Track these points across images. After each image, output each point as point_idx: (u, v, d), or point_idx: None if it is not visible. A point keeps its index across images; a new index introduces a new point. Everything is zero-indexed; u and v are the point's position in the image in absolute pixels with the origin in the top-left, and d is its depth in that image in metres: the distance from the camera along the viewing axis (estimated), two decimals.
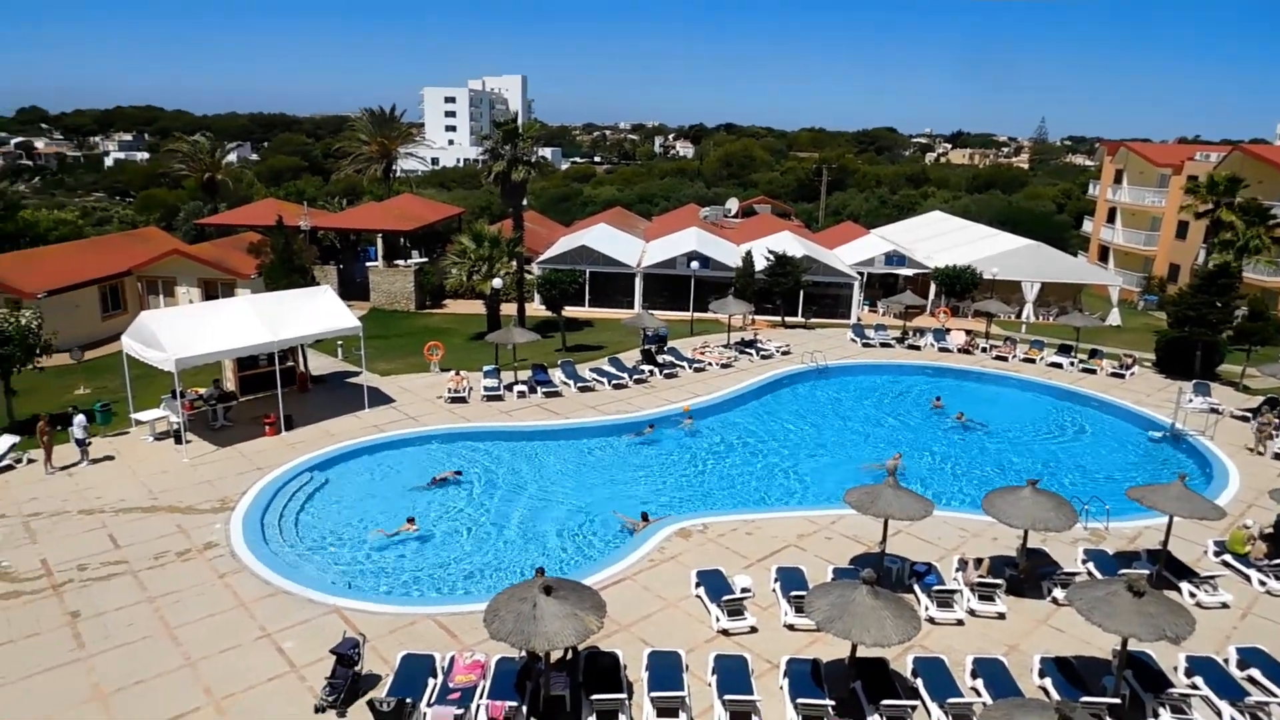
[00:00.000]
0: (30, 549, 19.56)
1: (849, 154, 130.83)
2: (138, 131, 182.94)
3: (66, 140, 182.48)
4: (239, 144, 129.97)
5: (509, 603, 13.58)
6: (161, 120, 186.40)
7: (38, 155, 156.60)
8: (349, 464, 25.22)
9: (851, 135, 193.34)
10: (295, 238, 39.16)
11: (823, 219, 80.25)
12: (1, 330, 26.13)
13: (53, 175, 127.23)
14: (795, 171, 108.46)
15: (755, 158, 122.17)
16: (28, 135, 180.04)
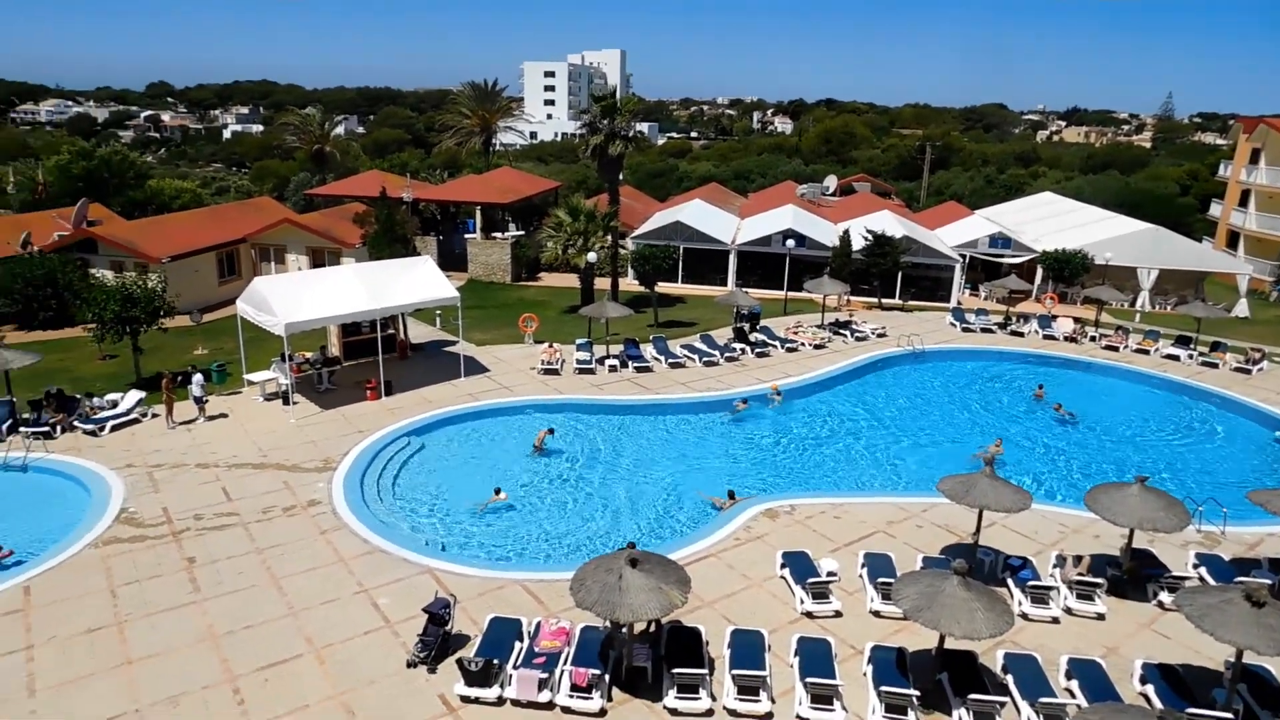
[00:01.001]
0: (153, 497, 20.91)
1: (954, 131, 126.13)
2: (254, 105, 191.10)
3: (190, 113, 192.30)
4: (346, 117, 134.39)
5: (595, 573, 13.80)
6: (275, 94, 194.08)
7: (164, 128, 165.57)
8: (445, 430, 25.98)
9: (958, 112, 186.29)
10: (398, 209, 40.34)
11: (924, 198, 77.76)
12: (131, 293, 27.86)
13: (177, 147, 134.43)
14: (897, 149, 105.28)
15: (855, 134, 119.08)
16: (156, 109, 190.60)
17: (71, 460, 22.78)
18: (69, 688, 14.28)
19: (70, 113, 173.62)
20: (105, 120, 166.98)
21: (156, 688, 14.30)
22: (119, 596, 16.85)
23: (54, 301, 35.91)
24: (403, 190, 46.02)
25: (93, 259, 38.56)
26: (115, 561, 18.08)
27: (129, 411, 25.42)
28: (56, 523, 19.93)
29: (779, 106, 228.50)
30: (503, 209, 49.44)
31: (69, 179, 56.34)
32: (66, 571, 17.66)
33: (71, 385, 27.32)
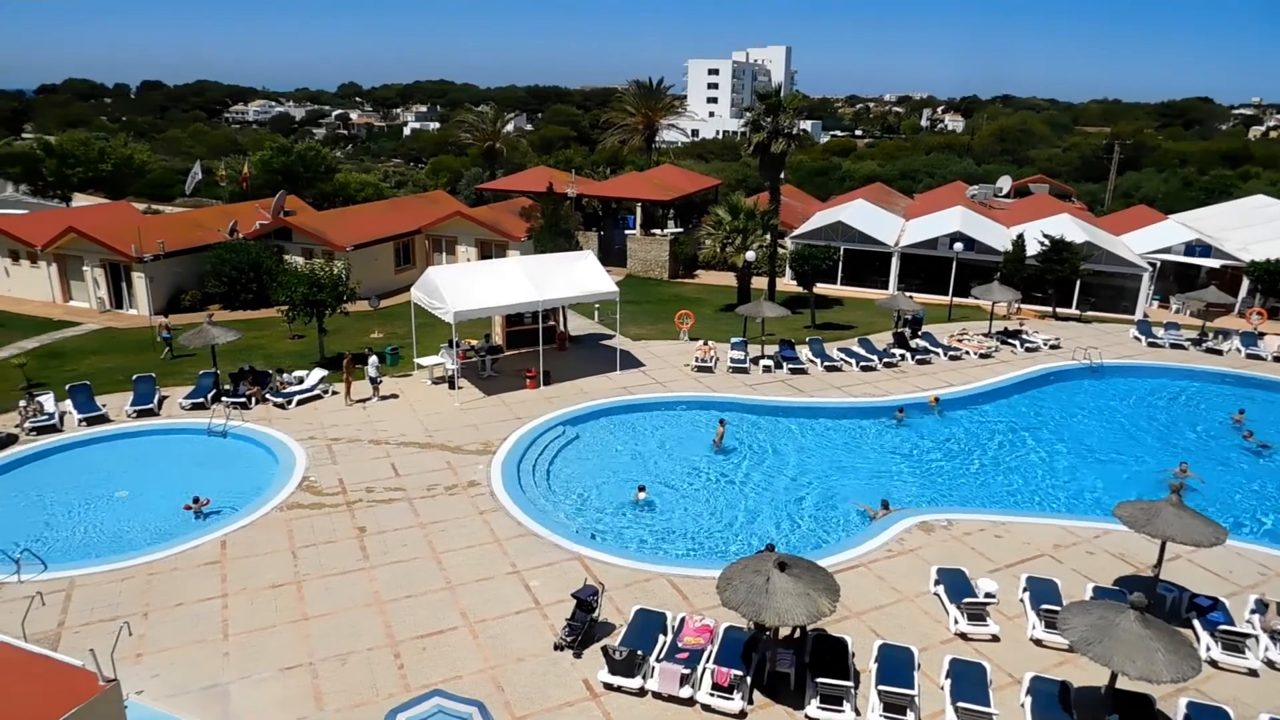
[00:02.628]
0: (331, 468, 22.55)
1: (1148, 128, 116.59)
2: (432, 103, 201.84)
3: (375, 112, 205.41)
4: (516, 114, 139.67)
5: (743, 573, 13.72)
6: (452, 93, 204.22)
7: (352, 125, 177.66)
8: (599, 421, 26.56)
9: (1152, 107, 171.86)
10: (562, 204, 41.55)
11: (1109, 201, 72.30)
12: (318, 278, 30.12)
13: (362, 143, 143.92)
14: (1080, 148, 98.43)
15: (1034, 132, 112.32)
16: (345, 108, 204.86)
17: (263, 429, 24.91)
18: (255, 635, 15.64)
19: (273, 112, 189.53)
20: (302, 119, 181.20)
21: (328, 644, 15.43)
22: (299, 557, 18.29)
23: (254, 284, 39.35)
24: (567, 186, 47.37)
25: (287, 246, 41.95)
26: (296, 525, 19.63)
27: (313, 388, 27.52)
28: (249, 484, 21.87)
29: (950, 103, 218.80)
30: (663, 206, 49.94)
31: (270, 172, 61.60)
32: (256, 530, 19.35)
33: (265, 361, 29.85)
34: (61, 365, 30.96)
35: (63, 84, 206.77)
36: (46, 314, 39.02)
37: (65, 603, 16.44)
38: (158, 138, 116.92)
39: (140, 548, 18.82)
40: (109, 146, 71.65)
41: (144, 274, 38.49)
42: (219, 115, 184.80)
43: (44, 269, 40.90)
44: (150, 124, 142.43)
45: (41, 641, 13.54)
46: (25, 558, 17.23)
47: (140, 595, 16.78)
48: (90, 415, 25.12)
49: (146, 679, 14.27)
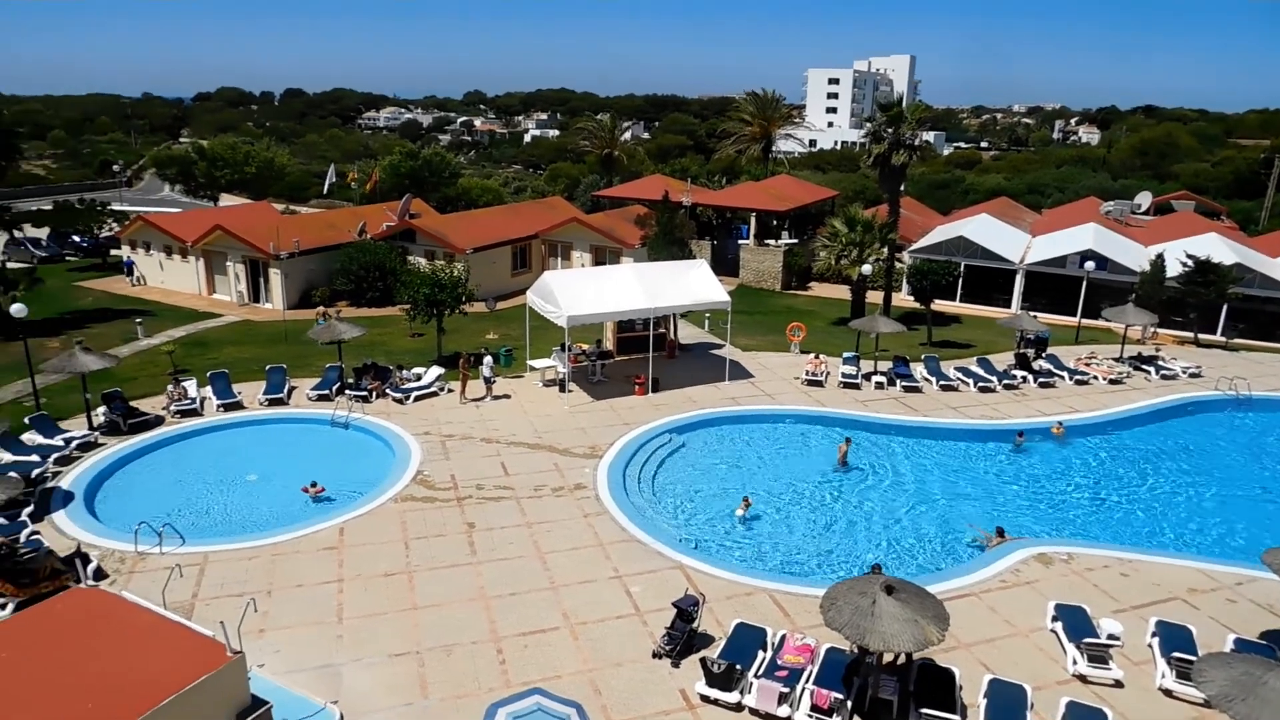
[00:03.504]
0: (444, 464, 23.29)
1: None
2: (552, 111, 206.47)
3: (498, 119, 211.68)
4: (634, 123, 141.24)
5: (848, 594, 13.38)
6: (572, 101, 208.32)
7: (475, 132, 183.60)
8: (706, 430, 26.49)
9: None
10: (677, 212, 41.70)
11: (1266, 220, 67.25)
12: (439, 279, 31.21)
13: (484, 149, 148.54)
14: (1233, 162, 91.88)
15: (1179, 145, 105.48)
16: (470, 115, 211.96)
17: (382, 423, 25.96)
18: (368, 620, 16.29)
19: (402, 119, 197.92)
20: (429, 125, 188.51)
21: (434, 634, 15.91)
22: (410, 548, 18.95)
23: (379, 283, 41.13)
24: (682, 195, 47.53)
25: (411, 247, 43.68)
26: (409, 517, 20.35)
27: (430, 385, 28.52)
28: (367, 475, 22.83)
29: (1085, 115, 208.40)
30: (778, 216, 49.48)
31: (397, 176, 64.32)
32: (372, 519, 20.17)
33: (386, 357, 31.13)
34: (204, 353, 33.14)
35: (216, 92, 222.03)
36: (193, 305, 41.90)
37: (199, 576, 17.55)
38: (297, 142, 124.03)
39: (266, 529, 19.91)
40: (253, 150, 76.39)
41: (280, 270, 40.83)
42: (353, 121, 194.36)
43: (193, 263, 43.93)
44: (290, 129, 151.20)
45: (177, 610, 14.46)
46: (167, 531, 18.49)
47: (265, 574, 17.74)
48: (227, 401, 26.79)
49: (268, 654, 15.06)
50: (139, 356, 32.62)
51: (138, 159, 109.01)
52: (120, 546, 18.56)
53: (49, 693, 11.05)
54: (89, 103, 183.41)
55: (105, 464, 22.95)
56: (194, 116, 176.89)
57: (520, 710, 13.80)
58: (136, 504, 20.84)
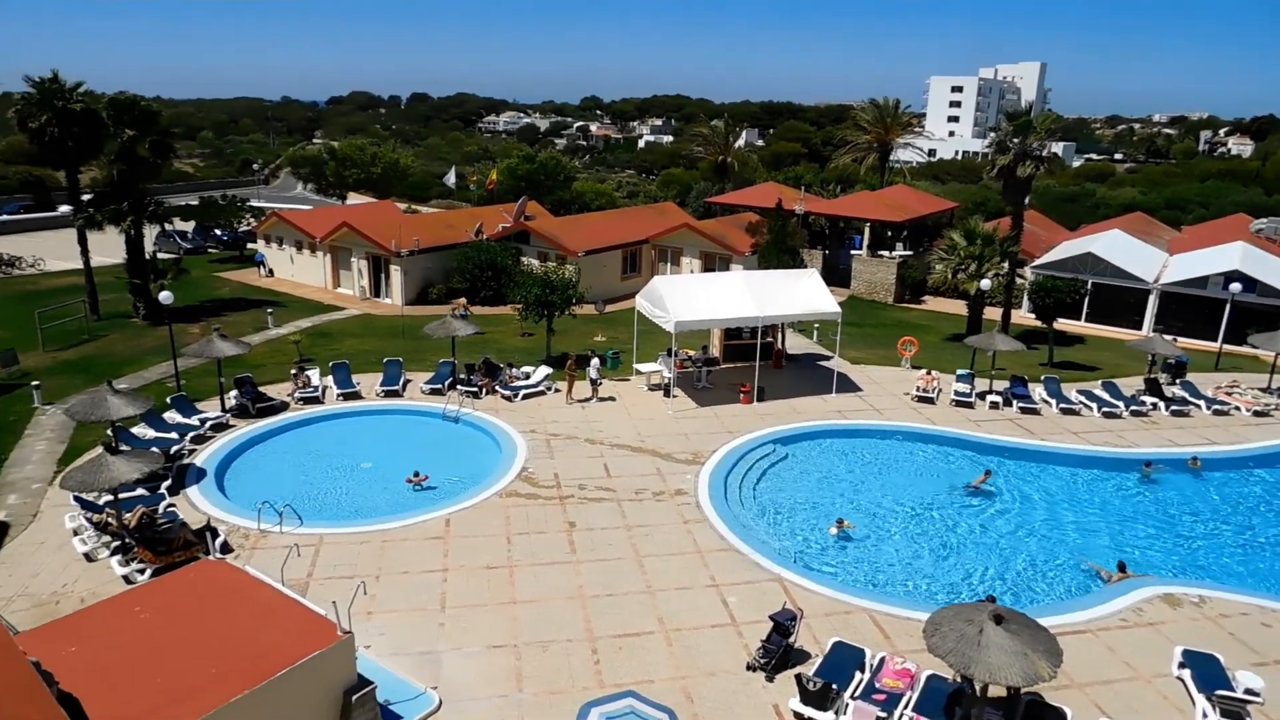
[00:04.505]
0: (548, 462, 23.70)
1: None
2: (667, 117, 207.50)
3: (613, 124, 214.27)
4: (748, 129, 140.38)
5: (953, 621, 12.89)
6: (687, 107, 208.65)
7: (591, 137, 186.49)
8: (811, 443, 26.06)
9: None
10: (789, 220, 41.27)
11: None
12: (551, 280, 31.81)
13: (598, 154, 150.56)
14: None
15: None
16: (586, 120, 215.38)
17: (490, 419, 26.64)
18: (469, 611, 16.73)
19: (521, 123, 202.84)
20: (546, 130, 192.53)
21: (532, 630, 16.18)
22: (513, 543, 19.36)
23: (493, 282, 42.26)
24: (796, 203, 47.00)
25: (524, 249, 44.70)
26: (513, 512, 20.79)
27: (538, 384, 29.09)
28: (474, 469, 23.47)
29: (1237, 124, 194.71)
30: (893, 227, 48.28)
31: (514, 179, 65.98)
32: (477, 512, 20.71)
33: (497, 355, 31.93)
34: (327, 344, 34.81)
35: (348, 96, 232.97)
36: (319, 298, 44.08)
37: (315, 556, 18.42)
38: (420, 144, 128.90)
39: (377, 515, 20.72)
40: (380, 152, 79.81)
41: (400, 267, 42.50)
42: (473, 125, 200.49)
43: (320, 258, 46.23)
44: (415, 132, 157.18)
45: (294, 587, 15.18)
46: (287, 512, 19.48)
47: (375, 559, 18.46)
48: (346, 391, 28.04)
49: (374, 636, 15.65)
50: (268, 344, 34.54)
51: (275, 158, 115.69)
52: (245, 523, 19.67)
53: (179, 652, 11.81)
54: (235, 106, 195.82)
55: (235, 444, 24.39)
56: (327, 119, 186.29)
57: (614, 711, 13.89)
58: (261, 484, 22.07)
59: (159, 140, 37.61)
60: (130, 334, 36.17)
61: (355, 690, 12.44)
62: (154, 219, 38.33)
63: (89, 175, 39.34)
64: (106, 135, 36.13)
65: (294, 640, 12.07)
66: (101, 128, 35.96)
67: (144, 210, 37.19)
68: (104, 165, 38.14)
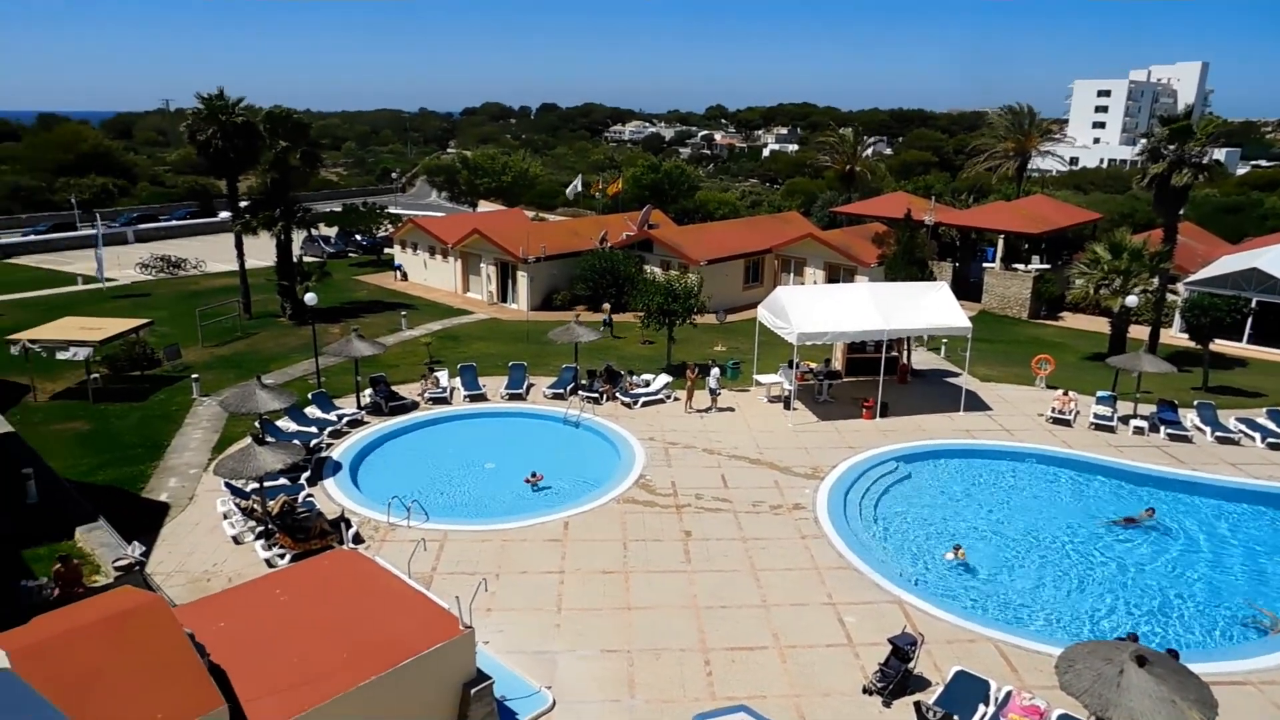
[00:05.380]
0: (665, 470, 23.77)
1: None
2: (792, 125, 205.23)
3: (737, 133, 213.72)
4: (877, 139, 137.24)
5: (1090, 658, 12.13)
6: (813, 115, 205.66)
7: (715, 146, 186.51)
8: (936, 462, 25.14)
9: None
10: (918, 232, 40.03)
11: None
12: (674, 289, 31.94)
13: (722, 163, 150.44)
14: None
15: None
16: (711, 129, 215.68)
17: (610, 425, 26.96)
18: (584, 614, 16.95)
19: (646, 133, 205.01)
20: (670, 139, 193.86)
21: (645, 636, 16.25)
22: (629, 549, 19.50)
23: (614, 290, 42.82)
24: (925, 213, 45.55)
25: (648, 256, 45.09)
26: (630, 519, 20.95)
27: (657, 392, 29.25)
28: (592, 473, 23.80)
29: None
30: (1029, 239, 46.09)
31: (639, 188, 66.71)
32: (595, 517, 20.98)
33: (618, 362, 32.28)
34: (456, 347, 36.11)
35: (481, 107, 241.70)
36: (449, 302, 45.81)
37: (439, 551, 19.10)
38: (548, 153, 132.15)
39: (499, 515, 21.31)
40: (510, 161, 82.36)
41: (527, 273, 43.65)
42: (600, 134, 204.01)
43: (451, 263, 48.05)
44: (543, 141, 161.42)
45: (419, 580, 15.79)
46: (415, 508, 20.29)
47: (495, 557, 18.97)
48: (473, 393, 28.99)
49: (493, 632, 16.08)
50: (401, 346, 36.13)
51: (411, 167, 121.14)
52: (375, 516, 20.61)
53: (313, 635, 12.47)
54: (376, 117, 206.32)
55: (368, 440, 25.62)
56: (461, 129, 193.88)
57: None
58: (391, 479, 23.09)
59: (308, 150, 40.12)
60: (277, 332, 38.59)
61: (474, 684, 12.82)
62: (302, 224, 40.84)
63: (246, 184, 42.21)
64: (263, 146, 38.76)
65: (419, 631, 12.55)
66: (259, 139, 38.59)
67: (293, 216, 39.67)
68: (260, 174, 40.96)
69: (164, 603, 12.11)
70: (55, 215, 70.69)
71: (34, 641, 10.07)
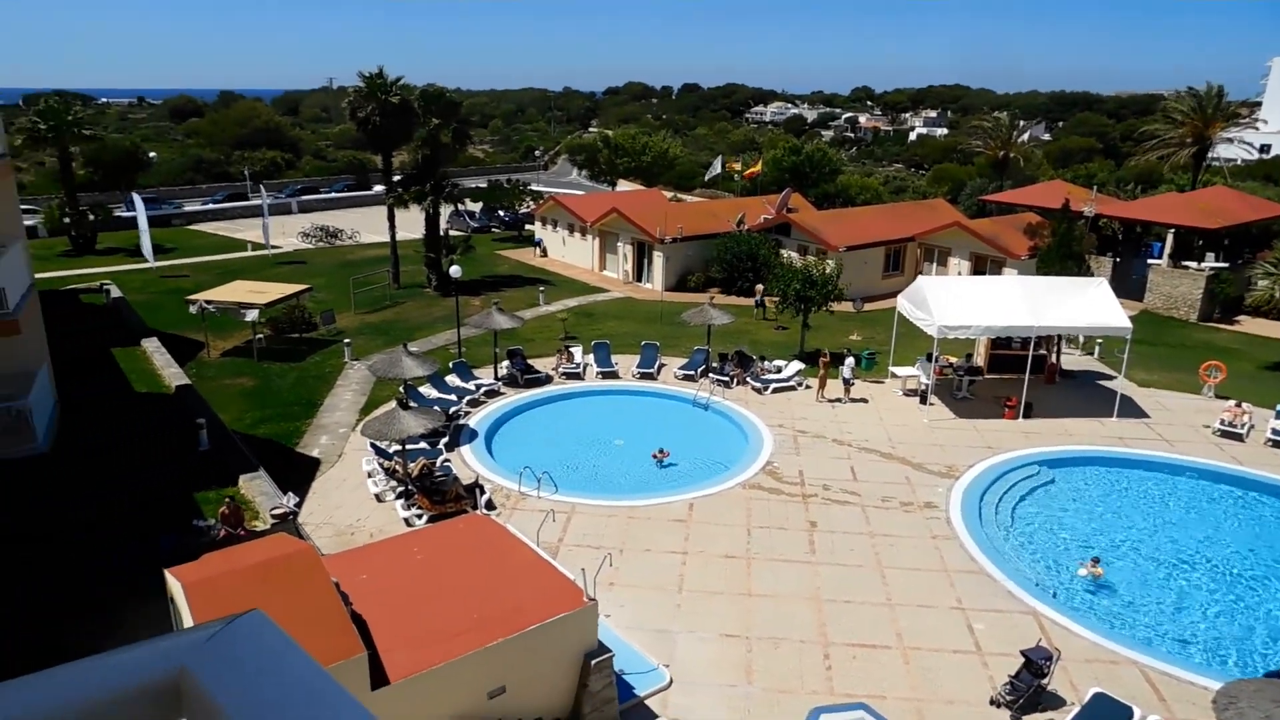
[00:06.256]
0: (793, 458, 23.47)
1: None
2: (942, 109, 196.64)
3: (883, 116, 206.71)
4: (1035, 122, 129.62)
5: (1256, 697, 11.18)
6: (966, 98, 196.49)
7: (859, 129, 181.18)
8: (1082, 470, 23.71)
9: None
10: (1076, 223, 37.65)
11: None
12: (811, 275, 31.35)
13: (866, 146, 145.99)
14: None
15: None
16: (855, 111, 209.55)
17: (739, 409, 26.83)
18: (704, 597, 17.02)
19: (788, 114, 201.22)
20: (813, 121, 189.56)
21: (764, 625, 16.15)
22: (752, 535, 19.41)
23: (750, 274, 42.43)
24: (1085, 204, 42.72)
25: (785, 241, 44.38)
26: (754, 505, 20.83)
27: (789, 379, 28.86)
28: (719, 457, 23.79)
29: None
30: (1204, 234, 42.44)
31: (779, 170, 65.63)
32: (719, 501, 20.98)
33: (750, 347, 32.02)
34: (590, 324, 36.75)
35: (624, 87, 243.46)
36: (585, 280, 46.62)
37: (566, 524, 19.59)
38: (688, 134, 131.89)
39: (625, 492, 21.64)
40: (650, 141, 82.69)
41: (663, 253, 43.84)
42: (741, 115, 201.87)
43: (589, 241, 48.83)
44: (684, 121, 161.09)
45: (546, 550, 16.26)
46: (545, 479, 20.88)
47: (620, 533, 19.29)
48: (605, 370, 29.47)
49: (614, 607, 16.38)
50: (538, 320, 37.10)
51: (554, 145, 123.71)
52: (507, 484, 21.34)
53: (446, 594, 13.07)
54: (522, 96, 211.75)
55: (503, 411, 26.51)
56: (603, 109, 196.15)
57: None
58: (523, 449, 23.82)
59: (459, 128, 41.60)
60: (423, 302, 40.40)
61: (595, 655, 13.11)
62: (449, 199, 42.45)
63: (399, 159, 44.29)
64: (417, 123, 40.47)
65: (545, 599, 12.93)
66: (414, 117, 40.31)
67: (442, 191, 41.29)
68: (412, 150, 42.81)
69: (315, 552, 12.98)
70: (230, 185, 76.52)
71: (204, 576, 11.03)
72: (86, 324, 34.21)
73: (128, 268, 47.09)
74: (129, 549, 17.12)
